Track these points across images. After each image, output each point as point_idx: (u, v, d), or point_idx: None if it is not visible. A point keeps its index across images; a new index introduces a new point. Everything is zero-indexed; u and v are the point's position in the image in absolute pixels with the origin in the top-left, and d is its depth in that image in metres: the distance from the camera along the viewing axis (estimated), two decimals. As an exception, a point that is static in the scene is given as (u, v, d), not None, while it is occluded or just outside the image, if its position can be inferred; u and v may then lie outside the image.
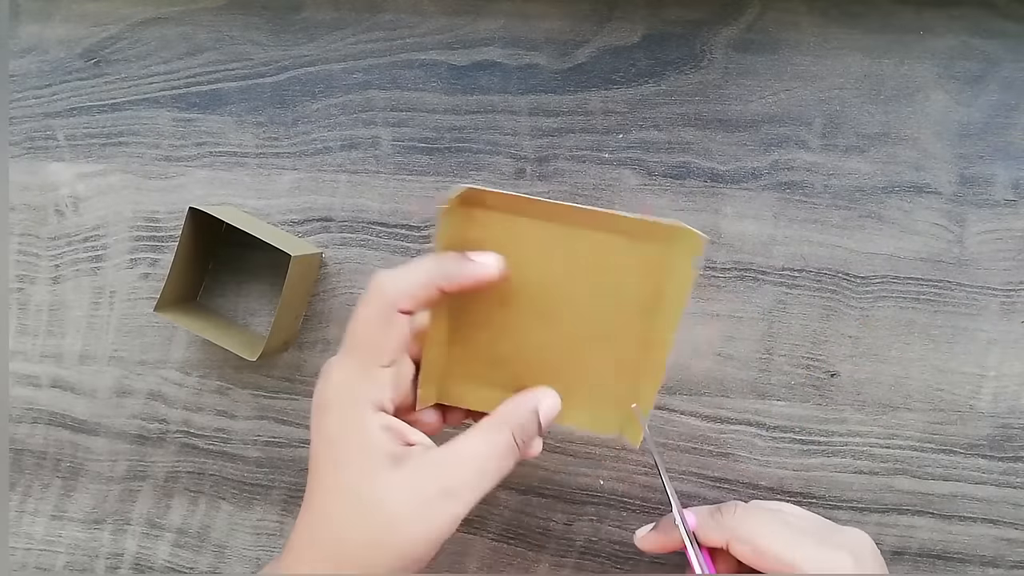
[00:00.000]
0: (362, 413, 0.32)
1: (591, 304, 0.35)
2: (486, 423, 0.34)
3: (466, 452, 0.33)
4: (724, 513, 0.37)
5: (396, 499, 0.31)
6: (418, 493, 0.32)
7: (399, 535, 0.31)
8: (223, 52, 0.48)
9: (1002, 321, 0.44)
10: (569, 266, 0.34)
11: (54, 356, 0.49)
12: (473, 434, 0.33)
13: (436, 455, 0.33)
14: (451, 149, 0.47)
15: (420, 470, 0.32)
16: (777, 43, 0.45)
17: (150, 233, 0.48)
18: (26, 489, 0.49)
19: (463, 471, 0.32)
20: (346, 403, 0.33)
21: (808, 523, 0.37)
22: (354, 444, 0.32)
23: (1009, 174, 0.44)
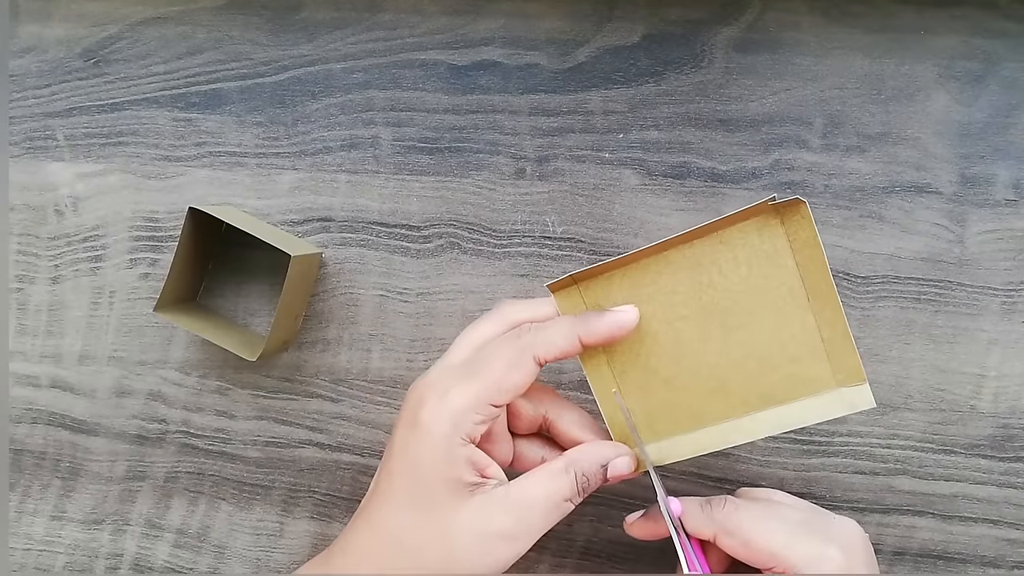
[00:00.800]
0: (456, 444, 0.33)
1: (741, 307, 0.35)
2: (555, 467, 0.34)
3: (530, 496, 0.33)
4: (713, 506, 0.36)
5: (463, 531, 0.33)
6: (482, 531, 0.33)
7: (465, 566, 0.33)
8: (223, 52, 0.48)
9: (1003, 321, 0.44)
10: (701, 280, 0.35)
11: (53, 356, 0.49)
12: (541, 476, 0.34)
13: (504, 496, 0.33)
14: (451, 149, 0.47)
15: (488, 508, 0.33)
16: (778, 43, 0.45)
17: (150, 233, 0.48)
18: (25, 489, 0.49)
19: (525, 515, 0.33)
20: (445, 429, 0.33)
21: (799, 514, 0.37)
22: (440, 472, 0.33)
23: (1010, 174, 0.44)
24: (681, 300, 0.35)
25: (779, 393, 0.35)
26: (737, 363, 0.35)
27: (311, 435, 0.47)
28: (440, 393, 0.34)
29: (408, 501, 0.34)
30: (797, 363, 0.35)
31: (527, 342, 0.34)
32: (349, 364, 0.47)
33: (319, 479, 0.47)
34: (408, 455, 0.34)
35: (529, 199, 0.46)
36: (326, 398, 0.47)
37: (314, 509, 0.47)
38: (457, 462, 0.33)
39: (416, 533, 0.33)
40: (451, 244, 0.46)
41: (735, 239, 0.34)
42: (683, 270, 0.35)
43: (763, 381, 0.35)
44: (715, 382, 0.36)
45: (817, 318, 0.34)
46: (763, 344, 0.35)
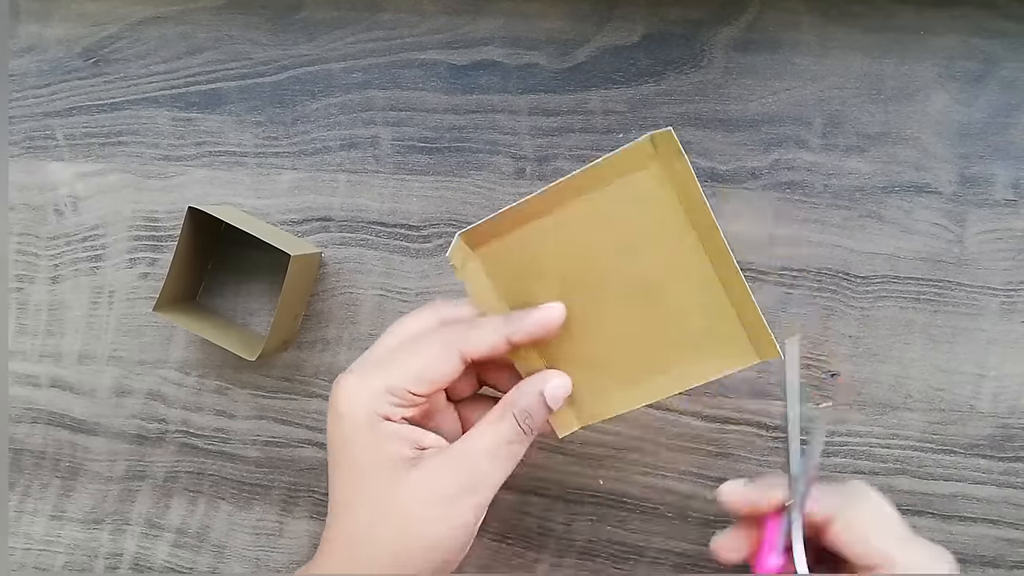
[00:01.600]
0: (377, 423, 0.33)
1: (637, 262, 0.34)
2: (492, 413, 0.34)
3: (476, 446, 0.33)
4: (836, 492, 0.34)
5: (416, 501, 0.32)
6: (436, 493, 0.32)
7: (425, 535, 0.32)
8: (222, 51, 0.48)
9: (1002, 321, 0.44)
10: (596, 238, 0.34)
11: (53, 356, 0.49)
12: (481, 427, 0.34)
13: (448, 454, 0.33)
14: (451, 149, 0.47)
15: (435, 471, 0.33)
16: (777, 43, 0.45)
17: (149, 233, 0.48)
18: (25, 489, 0.49)
19: (475, 465, 0.33)
20: (362, 410, 0.33)
21: (903, 526, 0.35)
22: (372, 451, 0.33)
23: (1009, 174, 0.44)
24: (588, 266, 0.34)
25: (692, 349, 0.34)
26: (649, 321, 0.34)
27: (310, 435, 0.47)
28: (357, 379, 0.34)
29: (354, 493, 0.33)
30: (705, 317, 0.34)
31: (456, 337, 0.34)
32: (349, 364, 0.47)
33: (319, 479, 0.47)
34: (339, 446, 0.34)
35: (529, 199, 0.46)
36: (325, 398, 0.47)
37: (313, 509, 0.47)
38: (386, 440, 0.33)
39: (372, 521, 0.33)
40: (450, 244, 0.46)
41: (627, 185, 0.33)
42: (577, 229, 0.34)
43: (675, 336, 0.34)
44: (631, 340, 0.35)
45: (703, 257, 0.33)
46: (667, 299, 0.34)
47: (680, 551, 0.45)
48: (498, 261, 0.35)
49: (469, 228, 0.35)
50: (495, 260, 0.35)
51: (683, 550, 0.45)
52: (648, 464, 0.45)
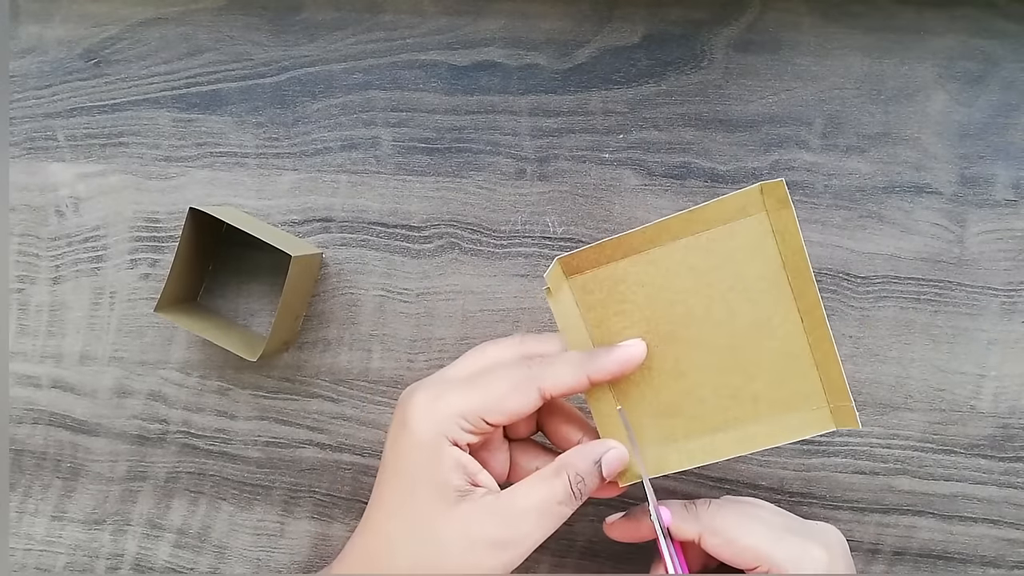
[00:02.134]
0: (443, 445, 0.33)
1: (727, 311, 0.34)
2: (547, 469, 0.34)
3: (522, 503, 0.33)
4: (699, 507, 0.36)
5: (450, 539, 0.32)
6: (470, 539, 0.32)
7: (446, 565, 0.32)
8: (223, 52, 0.48)
9: (1002, 321, 0.44)
10: (690, 283, 0.34)
11: (54, 356, 0.49)
12: (533, 482, 0.34)
13: (494, 502, 0.33)
14: (451, 149, 0.47)
15: (477, 515, 0.32)
16: (777, 43, 0.45)
17: (150, 233, 0.48)
18: (26, 490, 0.49)
19: (516, 522, 0.33)
20: (432, 429, 0.33)
21: (779, 518, 0.37)
22: (426, 471, 0.33)
23: (1009, 174, 0.44)
24: (682, 306, 0.34)
25: (768, 406, 0.34)
26: (729, 372, 0.35)
27: (312, 435, 0.47)
28: (432, 396, 0.34)
29: (398, 507, 0.33)
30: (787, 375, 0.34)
31: (536, 373, 0.33)
32: (349, 364, 0.47)
33: (320, 479, 0.47)
34: (396, 458, 0.34)
35: (529, 199, 0.46)
36: (326, 398, 0.47)
37: (314, 509, 0.47)
38: (444, 465, 0.33)
39: (406, 539, 0.33)
40: (451, 244, 0.46)
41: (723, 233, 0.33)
42: (686, 272, 0.34)
43: (754, 391, 0.34)
44: (708, 390, 0.35)
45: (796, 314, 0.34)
46: (752, 352, 0.34)
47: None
48: (589, 291, 0.35)
49: (567, 254, 0.34)
50: (586, 290, 0.35)
51: (684, 550, 0.45)
52: (649, 464, 0.45)
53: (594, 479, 0.34)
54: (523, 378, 0.33)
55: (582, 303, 0.35)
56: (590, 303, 0.35)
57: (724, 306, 0.34)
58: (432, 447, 0.33)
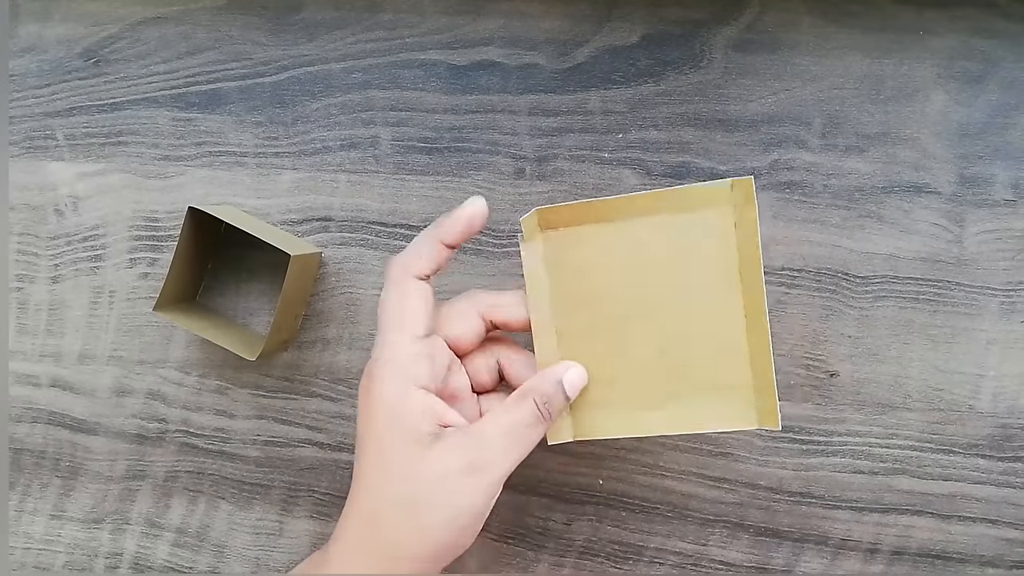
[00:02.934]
0: (404, 394, 0.34)
1: (677, 294, 0.35)
2: (511, 398, 0.35)
3: (493, 427, 0.34)
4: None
5: (427, 478, 0.33)
6: (451, 468, 0.33)
7: (432, 513, 0.33)
8: (223, 52, 0.48)
9: (1001, 321, 0.44)
10: (648, 261, 0.35)
11: (53, 355, 0.49)
12: (499, 410, 0.34)
13: (467, 432, 0.34)
14: (450, 149, 0.47)
15: (449, 450, 0.33)
16: (777, 43, 0.45)
17: (149, 233, 0.48)
18: (25, 488, 0.49)
19: (488, 444, 0.33)
20: (388, 383, 0.34)
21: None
22: (396, 425, 0.34)
23: (1008, 174, 0.44)
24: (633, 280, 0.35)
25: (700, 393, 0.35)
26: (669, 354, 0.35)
27: (311, 434, 0.47)
28: (380, 346, 0.35)
29: (378, 460, 0.34)
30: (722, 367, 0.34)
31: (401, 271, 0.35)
32: (349, 363, 0.47)
33: (319, 478, 0.47)
34: (367, 422, 0.34)
35: (529, 199, 0.46)
36: (326, 397, 0.47)
37: (314, 508, 0.47)
38: (412, 412, 0.33)
39: (388, 493, 0.33)
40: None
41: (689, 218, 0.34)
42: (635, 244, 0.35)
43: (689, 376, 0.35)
44: (647, 368, 0.35)
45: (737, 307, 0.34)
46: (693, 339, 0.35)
47: (679, 550, 0.45)
48: (557, 248, 0.36)
49: (547, 206, 0.35)
50: (554, 246, 0.36)
51: (682, 549, 0.45)
52: (648, 464, 0.45)
53: (559, 398, 0.35)
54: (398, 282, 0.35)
55: (548, 257, 0.36)
56: (555, 260, 0.36)
57: (675, 290, 0.35)
58: (398, 400, 0.34)
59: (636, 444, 0.45)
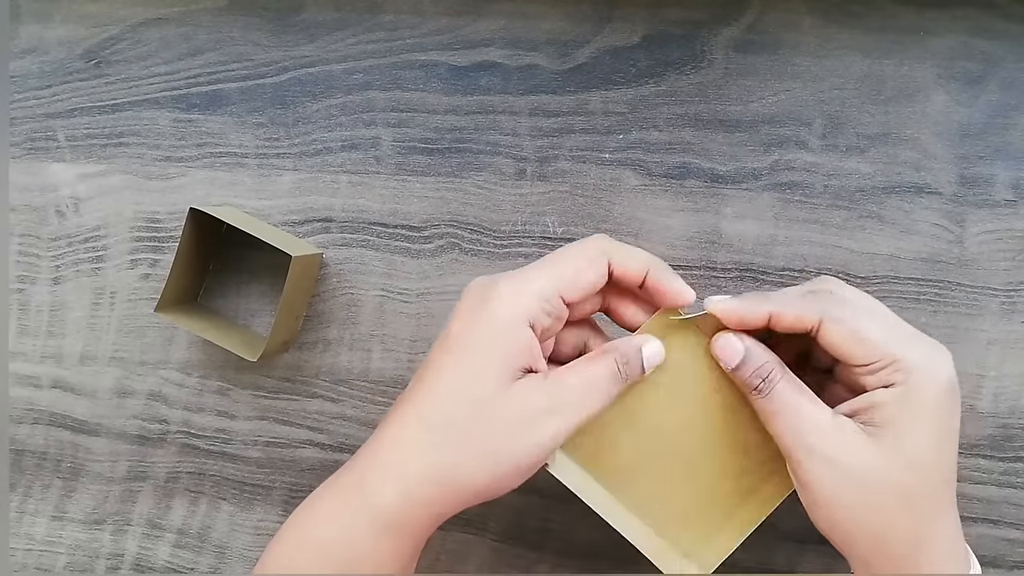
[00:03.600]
0: (522, 325, 0.33)
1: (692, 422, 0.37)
2: (594, 354, 0.35)
3: (570, 378, 0.34)
4: (818, 295, 0.34)
5: (507, 407, 0.33)
6: (524, 408, 0.33)
7: (500, 440, 0.33)
8: (224, 53, 0.48)
9: (1002, 321, 0.44)
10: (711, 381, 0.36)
11: (54, 357, 0.49)
12: (580, 363, 0.35)
13: (546, 378, 0.34)
14: (451, 150, 0.47)
15: (533, 389, 0.33)
16: (777, 44, 0.45)
17: (151, 234, 0.48)
18: (26, 490, 0.49)
19: (568, 391, 0.34)
20: (514, 309, 0.33)
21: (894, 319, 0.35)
22: (498, 352, 0.33)
23: (1009, 174, 0.44)
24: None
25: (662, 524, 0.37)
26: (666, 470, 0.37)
27: (312, 435, 0.47)
28: (512, 278, 0.34)
29: (461, 383, 0.33)
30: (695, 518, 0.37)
31: (606, 247, 0.35)
32: (350, 364, 0.47)
33: (320, 479, 0.47)
34: (469, 335, 0.34)
35: (529, 200, 0.46)
36: (327, 398, 0.47)
37: (315, 509, 0.47)
38: (519, 343, 0.33)
39: (464, 416, 0.33)
40: (451, 245, 0.46)
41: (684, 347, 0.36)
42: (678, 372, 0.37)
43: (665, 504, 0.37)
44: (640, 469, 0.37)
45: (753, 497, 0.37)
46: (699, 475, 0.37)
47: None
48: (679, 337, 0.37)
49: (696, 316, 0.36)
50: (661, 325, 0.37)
51: (684, 550, 0.45)
52: (649, 464, 0.45)
53: (636, 364, 0.35)
54: (597, 251, 0.34)
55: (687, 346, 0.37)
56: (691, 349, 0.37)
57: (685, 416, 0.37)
58: (512, 327, 0.33)
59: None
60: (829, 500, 0.32)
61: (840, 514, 0.32)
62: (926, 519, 0.32)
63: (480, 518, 0.46)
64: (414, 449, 0.33)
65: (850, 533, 0.33)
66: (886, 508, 0.32)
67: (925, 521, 0.32)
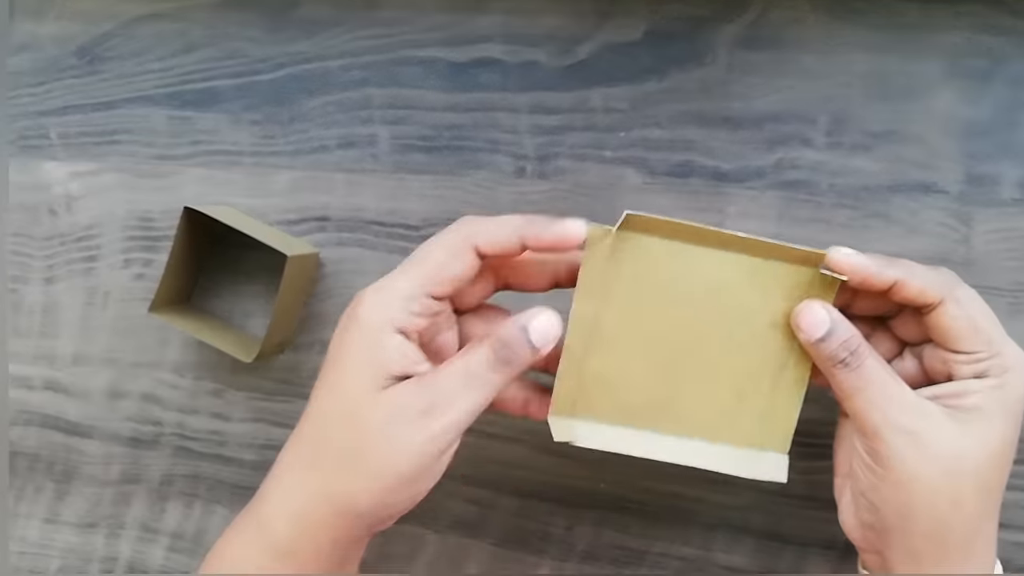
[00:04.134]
0: (387, 332, 0.32)
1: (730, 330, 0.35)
2: (472, 341, 0.33)
3: (444, 371, 0.32)
4: (943, 272, 0.34)
5: (377, 416, 0.31)
6: (395, 413, 0.31)
7: (373, 450, 0.31)
8: (218, 49, 0.47)
9: (1009, 321, 0.43)
10: (713, 293, 0.35)
11: (47, 357, 0.48)
12: (456, 355, 0.33)
13: (417, 380, 0.32)
14: (450, 147, 0.46)
15: (400, 394, 0.32)
16: (781, 40, 0.45)
17: (144, 233, 0.48)
18: (19, 492, 0.49)
19: (440, 388, 0.32)
20: (377, 317, 0.32)
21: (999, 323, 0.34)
22: (365, 361, 0.32)
23: (1016, 173, 0.44)
24: (694, 298, 0.35)
25: (713, 428, 0.36)
26: (693, 381, 0.35)
27: (308, 438, 0.47)
28: (378, 286, 0.33)
29: (332, 390, 0.33)
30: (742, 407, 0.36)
31: (471, 230, 0.33)
32: (347, 366, 0.46)
33: (316, 482, 0.47)
34: (340, 346, 0.33)
35: (529, 198, 0.46)
36: (323, 400, 0.47)
37: (311, 513, 0.47)
38: (385, 349, 0.32)
39: (337, 421, 0.32)
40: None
41: (771, 271, 0.35)
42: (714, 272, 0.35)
43: (706, 409, 0.36)
44: (666, 390, 0.36)
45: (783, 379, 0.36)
46: (726, 375, 0.35)
47: (683, 555, 0.45)
48: (629, 251, 0.34)
49: (638, 215, 0.34)
50: (627, 250, 0.34)
51: (686, 554, 0.45)
52: (650, 468, 0.45)
53: (522, 346, 0.32)
54: (458, 239, 0.33)
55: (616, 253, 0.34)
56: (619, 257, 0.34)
57: (731, 326, 0.35)
58: (377, 332, 0.32)
59: (639, 447, 0.45)
60: (911, 478, 0.32)
61: (917, 494, 0.32)
62: (987, 514, 0.33)
63: (480, 522, 0.46)
64: (299, 475, 0.33)
65: (916, 514, 0.32)
66: (963, 495, 0.32)
67: (986, 515, 0.33)
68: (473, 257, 0.33)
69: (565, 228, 0.33)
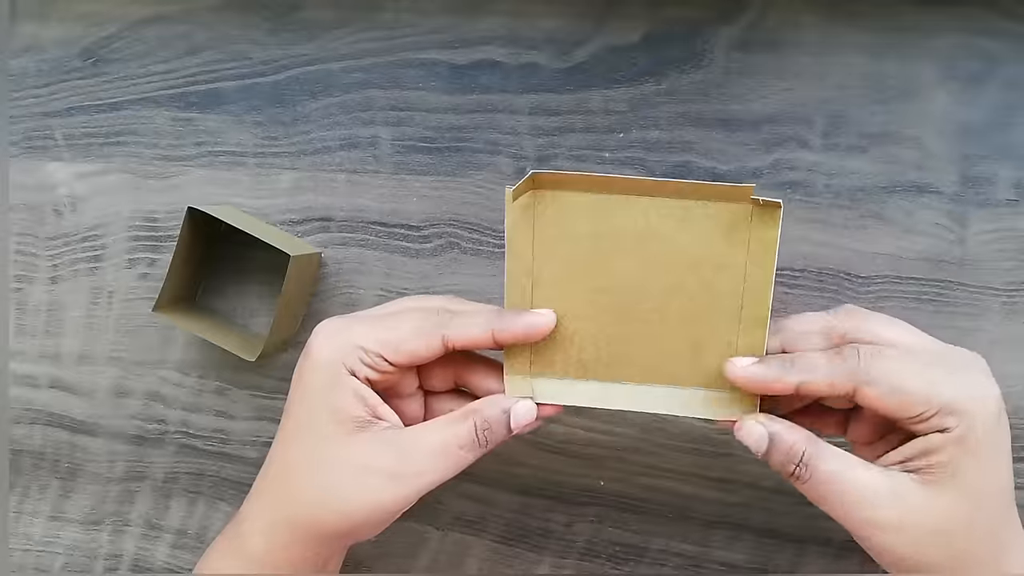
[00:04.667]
0: (342, 372, 0.33)
1: (673, 275, 0.34)
2: (454, 415, 0.34)
3: (423, 439, 0.33)
4: (847, 357, 0.32)
5: (344, 467, 0.32)
6: (361, 465, 0.32)
7: (339, 502, 0.32)
8: (222, 51, 0.48)
9: (1004, 321, 0.44)
10: (646, 240, 0.34)
11: (52, 356, 0.49)
12: (437, 423, 0.34)
13: (395, 436, 0.33)
14: (451, 148, 0.46)
15: (375, 445, 0.33)
16: (778, 42, 0.45)
17: (148, 233, 0.48)
18: (24, 490, 0.49)
19: (412, 454, 0.33)
20: (331, 356, 0.33)
21: (927, 352, 0.33)
22: (325, 400, 0.33)
23: (1011, 174, 0.44)
24: (628, 247, 0.35)
25: (675, 375, 0.35)
26: (647, 330, 0.35)
27: (310, 435, 0.47)
28: (337, 327, 0.34)
29: (296, 434, 0.34)
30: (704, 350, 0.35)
31: (443, 320, 0.33)
32: (349, 364, 0.47)
33: (318, 480, 0.47)
34: (297, 386, 0.34)
35: (529, 199, 0.46)
36: (325, 398, 0.47)
37: (313, 510, 0.47)
38: (343, 391, 0.33)
39: (302, 466, 0.33)
40: (451, 244, 0.46)
41: (702, 211, 0.34)
42: (648, 229, 0.34)
43: (666, 357, 0.35)
44: (621, 342, 0.35)
45: (741, 320, 0.35)
46: (682, 322, 0.35)
47: (681, 552, 0.45)
48: (548, 205, 0.35)
49: (545, 172, 0.34)
50: (546, 203, 0.35)
51: (684, 551, 0.45)
52: (649, 465, 0.45)
53: (501, 428, 0.34)
54: (429, 324, 0.33)
55: (537, 212, 0.35)
56: (543, 215, 0.35)
57: (670, 272, 0.34)
58: (330, 373, 0.33)
59: (637, 445, 0.45)
60: (909, 556, 0.31)
61: (922, 566, 0.31)
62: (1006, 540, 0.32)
63: (480, 519, 0.46)
64: (270, 500, 0.34)
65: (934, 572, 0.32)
66: (969, 548, 0.31)
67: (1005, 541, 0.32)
68: (439, 346, 0.33)
69: (534, 319, 0.34)
